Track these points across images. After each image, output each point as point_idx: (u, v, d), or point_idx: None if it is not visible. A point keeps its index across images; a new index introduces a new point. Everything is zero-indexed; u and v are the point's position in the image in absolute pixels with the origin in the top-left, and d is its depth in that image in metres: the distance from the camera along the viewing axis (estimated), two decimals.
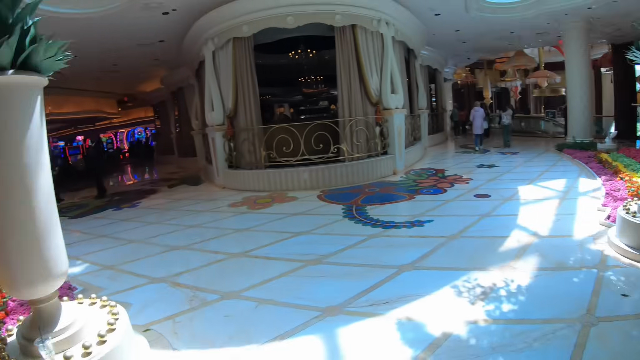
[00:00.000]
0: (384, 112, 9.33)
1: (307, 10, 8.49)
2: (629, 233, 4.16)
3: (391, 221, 5.49)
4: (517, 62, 19.79)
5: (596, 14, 11.91)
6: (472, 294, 3.38)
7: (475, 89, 28.81)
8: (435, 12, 11.48)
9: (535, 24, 13.66)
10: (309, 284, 3.78)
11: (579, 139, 12.32)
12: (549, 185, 7.58)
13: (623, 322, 2.97)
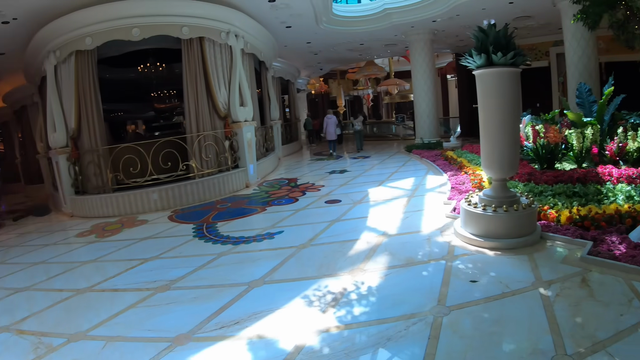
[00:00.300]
0: (233, 126, 11.33)
1: (153, 22, 10.02)
2: (472, 222, 5.59)
3: (241, 236, 6.62)
4: (368, 71, 27.30)
5: (440, 27, 16.69)
6: (323, 302, 4.15)
7: (329, 98, 36.69)
8: (286, 24, 14.15)
9: (384, 36, 18.19)
10: (159, 313, 4.42)
11: (426, 139, 17.19)
12: (398, 185, 9.86)
13: (474, 308, 3.95)
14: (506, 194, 5.67)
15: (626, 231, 5.75)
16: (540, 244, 5.50)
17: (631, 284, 4.41)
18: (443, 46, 20.82)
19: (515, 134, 5.58)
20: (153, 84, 16.07)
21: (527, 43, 18.92)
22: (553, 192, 6.91)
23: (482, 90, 5.53)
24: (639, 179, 7.21)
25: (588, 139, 8.23)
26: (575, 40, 12.11)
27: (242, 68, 11.79)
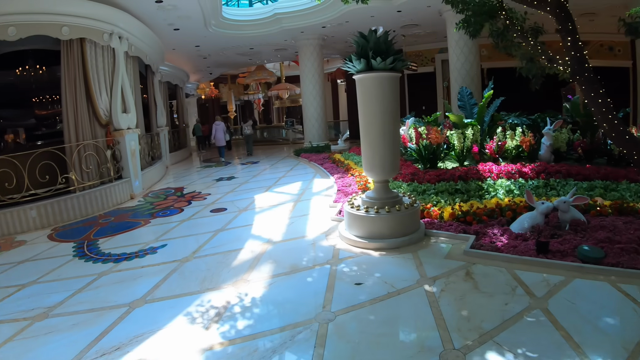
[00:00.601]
0: (115, 134, 11.03)
1: (31, 20, 9.30)
2: (356, 225, 5.82)
3: (123, 253, 6.50)
4: (259, 75, 27.78)
5: (329, 32, 17.50)
6: (206, 318, 4.10)
7: (219, 103, 36.67)
8: (174, 26, 14.30)
9: (274, 41, 18.71)
10: (37, 346, 4.11)
11: (315, 143, 17.91)
12: (285, 190, 10.08)
13: (359, 311, 4.07)
14: (388, 195, 6.02)
15: (507, 223, 6.30)
16: (424, 241, 5.87)
17: (514, 273, 4.81)
18: (333, 51, 22.07)
19: (396, 136, 5.94)
20: (33, 88, 15.39)
21: (414, 50, 20.58)
22: (436, 190, 7.44)
23: (362, 94, 5.83)
24: (517, 174, 7.86)
25: (469, 139, 8.88)
26: (458, 48, 13.27)
27: (125, 72, 11.61)
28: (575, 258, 5.08)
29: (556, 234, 5.82)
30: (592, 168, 8.13)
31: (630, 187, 7.50)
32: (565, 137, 9.20)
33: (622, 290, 4.39)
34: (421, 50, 20.62)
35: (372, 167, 5.89)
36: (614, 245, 5.32)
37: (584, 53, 5.52)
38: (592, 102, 5.48)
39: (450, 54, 13.80)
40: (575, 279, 4.65)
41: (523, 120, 10.39)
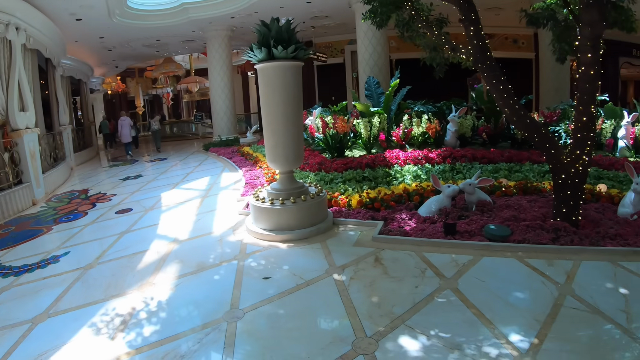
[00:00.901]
0: (12, 134, 10.09)
1: None
2: (262, 218, 5.57)
3: (25, 264, 6.03)
4: (166, 68, 26.85)
5: (238, 23, 17.05)
6: (111, 328, 3.87)
7: (127, 98, 35.03)
8: (76, 16, 13.49)
9: (182, 32, 18.02)
10: None
11: (224, 136, 17.48)
12: (193, 186, 9.68)
13: (268, 306, 3.87)
14: (294, 186, 5.85)
15: (415, 208, 6.33)
16: (333, 230, 5.72)
17: (423, 256, 4.78)
18: (242, 43, 21.39)
19: (299, 126, 5.77)
20: None
21: (324, 41, 20.66)
22: (343, 178, 7.37)
23: (264, 84, 5.62)
24: (424, 160, 7.93)
25: (376, 127, 8.89)
26: (367, 39, 13.41)
27: (22, 66, 10.72)
28: (482, 237, 5.16)
29: (463, 215, 5.90)
30: (496, 152, 8.45)
31: (533, 168, 7.86)
32: (470, 123, 9.53)
33: (529, 265, 4.50)
34: (331, 41, 20.74)
35: (275, 158, 5.70)
36: (519, 223, 5.50)
37: (486, 42, 5.64)
38: (494, 88, 5.58)
39: (359, 45, 13.92)
40: (484, 258, 4.71)
41: (429, 107, 10.63)
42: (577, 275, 4.27)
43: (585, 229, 5.38)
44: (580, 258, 4.64)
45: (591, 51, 4.70)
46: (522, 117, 5.55)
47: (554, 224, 5.37)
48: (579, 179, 5.48)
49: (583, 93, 4.98)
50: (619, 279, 4.17)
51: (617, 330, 3.34)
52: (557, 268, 4.42)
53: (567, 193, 5.54)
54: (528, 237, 5.09)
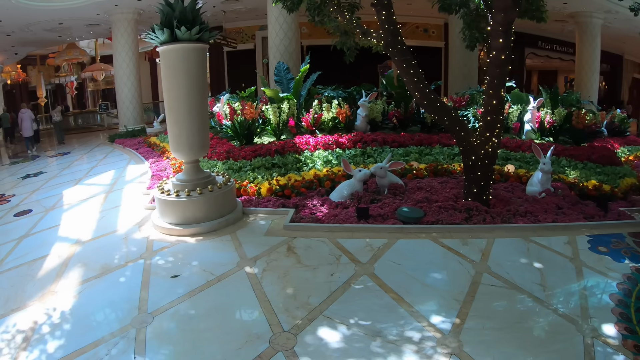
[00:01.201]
0: None
1: None
2: (168, 211, 5.15)
3: None
4: (69, 55, 24.69)
5: (146, 6, 15.86)
6: (13, 347, 3.43)
7: (28, 88, 31.67)
8: None
9: (85, 15, 16.62)
10: None
11: (130, 127, 16.35)
12: (97, 181, 8.90)
13: (179, 307, 3.57)
14: (200, 176, 5.48)
15: (327, 193, 6.20)
16: (243, 220, 5.43)
17: (337, 242, 4.66)
18: (149, 27, 19.55)
19: (204, 113, 5.40)
20: None
21: (234, 26, 20.03)
22: (252, 166, 7.09)
23: (167, 68, 5.18)
24: (334, 145, 7.82)
25: (285, 113, 8.65)
26: (278, 24, 13.07)
27: None
28: (396, 220, 5.15)
29: (376, 199, 5.87)
30: (406, 135, 8.56)
31: (443, 151, 8.03)
32: (381, 108, 9.58)
33: (444, 245, 4.55)
34: (242, 27, 20.12)
35: (179, 146, 5.31)
36: (432, 204, 5.57)
37: (397, 27, 5.63)
38: (405, 72, 5.56)
39: (270, 30, 13.52)
40: (398, 240, 4.69)
41: (339, 93, 10.56)
42: (492, 252, 4.38)
43: (496, 208, 5.57)
44: (494, 236, 4.78)
45: (503, 37, 4.78)
46: (432, 101, 5.58)
47: (465, 204, 5.51)
48: (488, 160, 5.64)
49: (493, 77, 5.07)
50: (533, 254, 4.34)
51: (535, 303, 3.43)
52: (471, 247, 4.50)
53: (478, 174, 5.70)
54: (441, 218, 5.16)
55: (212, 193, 5.18)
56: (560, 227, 4.99)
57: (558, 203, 5.81)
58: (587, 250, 4.45)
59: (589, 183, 6.77)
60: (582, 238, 4.75)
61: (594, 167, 7.80)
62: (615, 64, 22.51)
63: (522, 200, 6.00)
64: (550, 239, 4.68)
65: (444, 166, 7.25)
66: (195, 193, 5.15)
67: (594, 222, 5.17)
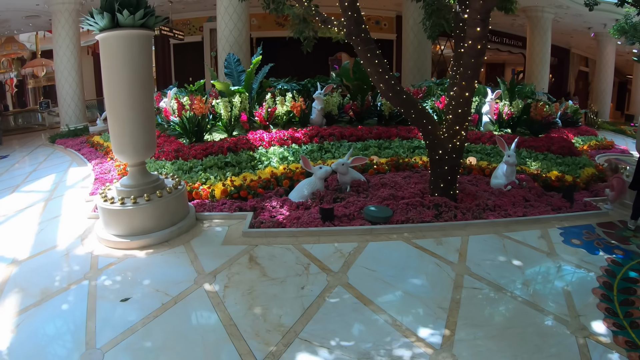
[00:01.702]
0: None
1: None
2: (113, 222, 4.53)
3: None
4: (8, 50, 23.48)
5: None
6: None
7: None
8: None
9: (24, 5, 15.51)
10: None
11: (72, 126, 15.30)
12: (36, 188, 7.85)
13: (132, 338, 3.02)
14: (147, 180, 4.84)
15: (285, 193, 5.81)
16: (197, 227, 4.90)
17: (303, 249, 4.28)
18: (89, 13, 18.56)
19: (149, 109, 4.75)
20: None
21: (181, 18, 18.95)
22: (204, 166, 6.54)
23: (107, 58, 4.49)
24: (290, 140, 7.46)
25: (237, 107, 8.14)
26: (227, 15, 12.40)
27: None
28: (363, 220, 4.85)
29: (339, 197, 5.55)
30: (364, 129, 8.28)
31: (403, 144, 7.80)
32: (337, 101, 9.20)
33: (418, 246, 4.28)
34: (189, 18, 19.11)
35: (122, 148, 4.67)
36: (399, 202, 5.32)
37: (361, 14, 5.28)
38: (368, 62, 5.23)
39: (219, 21, 12.87)
40: (369, 243, 4.38)
41: (293, 85, 10.13)
42: (469, 251, 4.17)
43: (464, 203, 5.42)
44: (467, 233, 4.60)
45: (481, 25, 4.50)
46: (398, 93, 5.29)
47: (433, 200, 5.32)
48: (456, 154, 5.48)
49: (467, 68, 4.79)
50: (509, 251, 4.18)
51: (522, 305, 3.25)
52: (446, 246, 4.28)
53: (445, 168, 5.51)
54: (411, 216, 4.92)
55: (161, 199, 4.60)
56: (531, 221, 4.93)
57: (525, 195, 5.80)
58: (561, 243, 4.39)
59: (551, 174, 6.82)
60: (554, 231, 4.70)
61: (554, 158, 7.86)
62: (562, 57, 23.16)
63: (488, 193, 5.90)
64: (524, 234, 4.59)
65: (404, 160, 7.03)
66: (142, 200, 4.56)
67: (563, 214, 5.19)
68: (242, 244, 4.35)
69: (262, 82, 9.58)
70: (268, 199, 5.46)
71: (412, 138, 8.14)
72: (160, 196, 4.60)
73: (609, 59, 19.79)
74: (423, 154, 7.57)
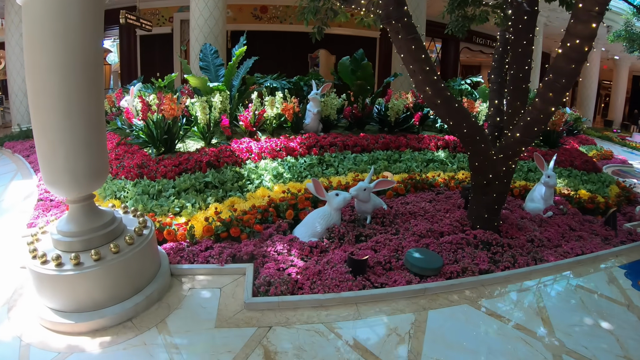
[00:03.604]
0: None
1: None
2: (48, 292, 2.83)
3: None
4: None
5: None
6: None
7: None
8: None
9: None
10: None
11: (24, 126, 12.71)
12: None
13: None
14: (95, 224, 3.02)
15: (290, 227, 4.24)
16: (173, 292, 3.21)
17: (337, 332, 2.77)
18: None
19: (96, 114, 2.91)
20: None
21: (149, 7, 16.74)
22: (177, 188, 4.81)
23: (30, 35, 2.71)
24: (284, 151, 5.81)
25: (216, 109, 6.39)
26: (203, 1, 10.40)
27: None
28: (403, 269, 3.49)
29: (362, 234, 4.04)
30: (369, 137, 6.78)
31: (415, 157, 6.40)
32: (338, 103, 7.41)
33: (492, 313, 3.06)
34: (158, 7, 16.89)
35: (54, 176, 2.84)
36: (439, 240, 4.04)
37: None
38: (411, 57, 3.70)
39: (193, 8, 10.97)
40: (428, 312, 3.00)
41: (283, 83, 8.18)
42: (550, 313, 3.11)
43: (510, 235, 4.31)
44: (535, 284, 3.57)
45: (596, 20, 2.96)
46: (448, 100, 3.81)
47: (478, 235, 4.07)
48: (507, 179, 4.19)
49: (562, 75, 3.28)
50: (589, 306, 3.30)
51: None
52: (522, 308, 3.17)
53: (492, 195, 4.19)
54: (466, 264, 3.58)
55: (118, 256, 2.88)
56: (590, 260, 4.12)
57: (569, 223, 4.86)
58: (632, 288, 3.65)
59: (581, 193, 5.87)
60: (617, 272, 3.98)
61: (579, 175, 6.83)
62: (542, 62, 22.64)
63: (528, 220, 4.80)
64: (590, 278, 3.81)
65: (422, 177, 5.60)
66: (88, 259, 2.82)
67: (616, 247, 4.43)
68: (246, 324, 2.78)
69: (246, 78, 7.77)
70: (269, 238, 3.89)
71: (424, 149, 6.71)
72: (117, 251, 2.88)
73: (594, 66, 19.13)
74: (438, 169, 6.22)
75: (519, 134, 3.70)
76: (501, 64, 4.62)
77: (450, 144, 6.93)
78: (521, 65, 4.08)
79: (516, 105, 4.11)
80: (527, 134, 3.67)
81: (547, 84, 3.34)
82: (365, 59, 8.06)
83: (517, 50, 4.10)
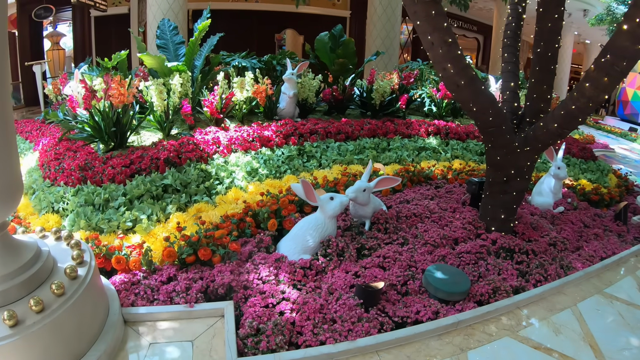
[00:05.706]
0: None
1: None
2: None
3: None
4: None
5: None
6: None
7: None
8: None
9: None
10: None
11: None
12: None
13: None
14: (10, 267, 1.98)
15: (273, 240, 3.36)
16: (128, 351, 2.28)
17: None
18: None
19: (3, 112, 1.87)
20: None
21: None
22: (129, 196, 3.80)
23: None
24: (258, 141, 4.91)
25: (176, 93, 5.40)
26: None
27: None
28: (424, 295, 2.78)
29: (364, 246, 3.30)
30: (353, 123, 5.92)
31: (406, 144, 5.62)
32: (317, 85, 6.49)
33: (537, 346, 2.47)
34: None
35: None
36: (457, 249, 3.36)
37: None
38: (433, 27, 2.84)
39: None
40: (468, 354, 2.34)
41: (253, 62, 7.11)
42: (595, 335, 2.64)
43: (527, 237, 3.69)
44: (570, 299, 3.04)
45: None
46: (473, 80, 3.00)
47: (501, 243, 3.41)
48: (528, 175, 3.55)
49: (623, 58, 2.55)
50: (630, 323, 2.84)
51: None
52: (566, 332, 2.63)
53: (513, 194, 3.51)
54: (496, 282, 2.88)
55: (42, 318, 1.90)
56: (614, 263, 3.67)
57: (582, 219, 4.38)
58: None
59: (583, 183, 5.47)
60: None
61: (577, 163, 6.38)
62: None
63: (539, 217, 4.22)
64: (620, 286, 3.36)
65: (417, 169, 4.86)
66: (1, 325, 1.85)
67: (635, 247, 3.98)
68: None
69: (210, 57, 6.68)
70: (249, 259, 3.02)
71: (414, 136, 5.95)
72: (40, 310, 1.91)
73: (567, 49, 18.78)
74: (431, 157, 5.53)
75: (556, 125, 2.97)
76: (515, 41, 3.87)
77: (442, 129, 6.17)
78: (550, 43, 3.40)
79: (542, 89, 3.43)
80: (567, 125, 2.97)
81: (603, 66, 2.61)
82: (344, 35, 7.17)
83: (546, 25, 3.40)
